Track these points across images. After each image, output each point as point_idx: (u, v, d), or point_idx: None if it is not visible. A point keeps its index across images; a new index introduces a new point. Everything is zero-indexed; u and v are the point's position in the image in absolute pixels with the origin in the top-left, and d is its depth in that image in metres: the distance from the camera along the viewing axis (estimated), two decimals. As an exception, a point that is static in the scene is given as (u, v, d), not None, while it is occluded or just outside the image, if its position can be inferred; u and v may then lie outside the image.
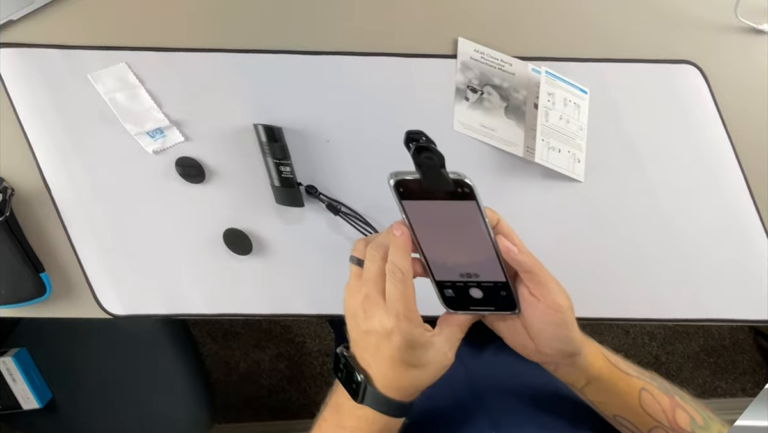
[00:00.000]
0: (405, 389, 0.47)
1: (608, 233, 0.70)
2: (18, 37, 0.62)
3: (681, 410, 0.53)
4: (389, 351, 0.45)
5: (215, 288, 0.71)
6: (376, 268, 0.46)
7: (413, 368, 0.46)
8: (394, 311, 0.44)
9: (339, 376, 0.50)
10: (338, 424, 0.49)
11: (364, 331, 0.46)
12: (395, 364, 0.46)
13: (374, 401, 0.47)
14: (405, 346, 0.45)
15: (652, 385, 0.54)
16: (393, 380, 0.47)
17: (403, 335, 0.44)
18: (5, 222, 0.64)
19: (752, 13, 0.64)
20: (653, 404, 0.53)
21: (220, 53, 0.64)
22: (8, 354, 0.99)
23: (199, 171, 0.66)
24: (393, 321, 0.44)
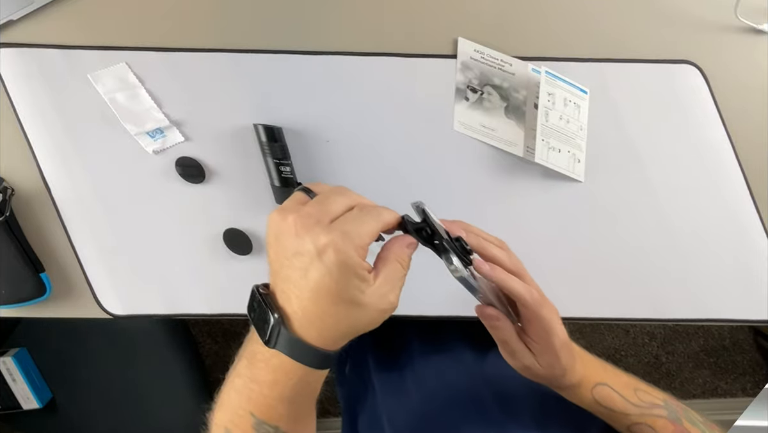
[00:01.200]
0: (328, 330, 0.39)
1: (608, 233, 0.70)
2: (18, 37, 0.62)
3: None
4: (317, 275, 0.37)
5: (215, 288, 0.71)
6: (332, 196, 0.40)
7: (342, 305, 0.38)
8: (341, 229, 0.37)
9: (251, 316, 0.42)
10: (252, 378, 0.42)
11: (290, 253, 0.38)
12: (321, 294, 0.38)
13: (288, 344, 0.39)
14: (338, 267, 0.37)
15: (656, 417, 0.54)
16: (315, 316, 0.39)
17: (338, 252, 0.36)
18: (5, 222, 0.64)
19: (752, 13, 0.64)
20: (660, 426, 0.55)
21: (220, 53, 0.64)
22: (8, 354, 0.99)
23: (199, 171, 0.66)
24: (330, 236, 0.37)
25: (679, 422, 0.55)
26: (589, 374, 0.54)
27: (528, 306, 0.48)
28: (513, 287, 0.47)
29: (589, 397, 0.54)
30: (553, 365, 0.51)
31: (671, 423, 0.55)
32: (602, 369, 0.56)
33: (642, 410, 0.55)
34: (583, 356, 0.55)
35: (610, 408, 0.55)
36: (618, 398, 0.54)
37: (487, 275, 0.46)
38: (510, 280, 0.47)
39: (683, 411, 0.56)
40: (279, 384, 0.41)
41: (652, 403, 0.55)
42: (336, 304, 0.38)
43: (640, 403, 0.55)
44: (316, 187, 0.43)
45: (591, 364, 0.56)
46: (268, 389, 0.41)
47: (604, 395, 0.54)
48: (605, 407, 0.55)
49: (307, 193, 0.42)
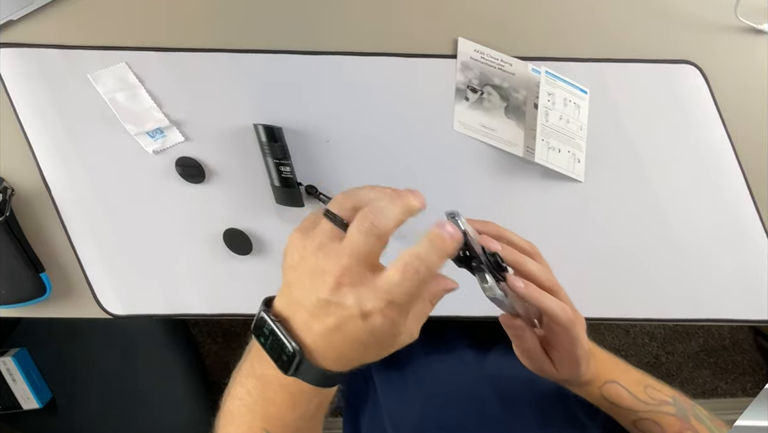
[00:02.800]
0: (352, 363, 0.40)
1: (608, 232, 0.70)
2: (18, 37, 0.62)
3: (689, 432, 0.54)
4: (356, 331, 0.37)
5: (215, 288, 0.71)
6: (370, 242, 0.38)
7: (372, 349, 0.39)
8: (389, 298, 0.37)
9: (262, 342, 0.40)
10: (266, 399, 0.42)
11: (324, 299, 0.37)
12: (355, 343, 0.38)
13: (309, 374, 0.39)
14: (383, 332, 0.37)
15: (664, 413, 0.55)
16: (342, 356, 0.39)
17: (388, 321, 0.37)
18: (5, 222, 0.64)
19: (752, 13, 0.64)
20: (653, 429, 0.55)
21: (220, 53, 0.64)
22: (8, 354, 0.99)
23: (199, 171, 0.66)
24: (380, 305, 0.36)
25: (686, 419, 0.55)
26: (601, 371, 0.55)
27: (561, 324, 0.47)
28: (548, 306, 0.47)
29: (597, 393, 0.55)
30: (571, 372, 0.51)
31: (678, 420, 0.55)
32: (614, 366, 0.56)
33: (650, 406, 0.55)
34: (596, 353, 0.55)
35: (617, 404, 0.55)
36: (626, 395, 0.55)
37: (521, 293, 0.45)
38: (545, 299, 0.46)
39: (691, 408, 0.56)
40: (300, 407, 0.41)
41: (661, 400, 0.55)
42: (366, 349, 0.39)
43: (649, 400, 0.55)
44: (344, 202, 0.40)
45: (604, 361, 0.56)
46: (288, 410, 0.41)
47: (612, 392, 0.55)
48: (612, 403, 0.55)
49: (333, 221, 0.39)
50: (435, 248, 0.37)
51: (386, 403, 0.70)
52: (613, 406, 0.55)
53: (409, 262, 0.37)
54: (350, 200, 0.40)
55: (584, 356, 0.50)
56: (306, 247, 0.39)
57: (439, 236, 0.38)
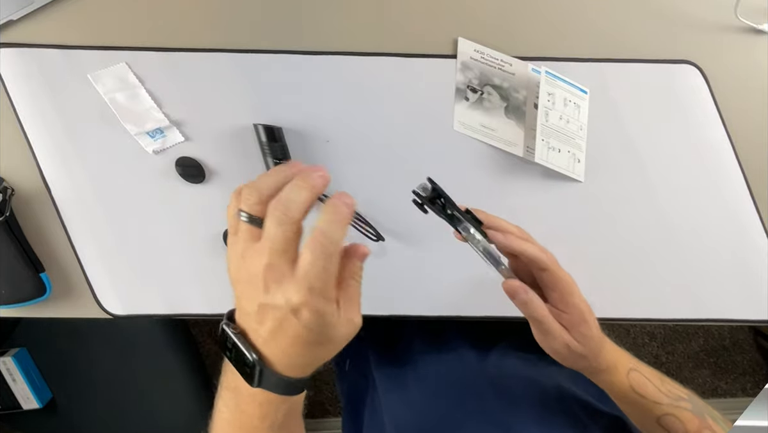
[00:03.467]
0: (308, 366, 0.41)
1: (608, 233, 0.70)
2: (18, 37, 0.62)
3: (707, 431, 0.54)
4: (294, 329, 0.38)
5: (215, 288, 0.71)
6: (284, 234, 0.38)
7: (319, 346, 0.40)
8: (308, 285, 0.37)
9: (228, 355, 0.42)
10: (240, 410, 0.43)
11: (261, 303, 0.38)
12: (299, 342, 0.39)
13: (271, 383, 0.40)
14: (315, 324, 0.38)
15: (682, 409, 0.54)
16: (295, 359, 0.40)
17: (314, 312, 0.37)
18: (5, 222, 0.64)
19: (752, 13, 0.64)
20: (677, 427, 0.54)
21: (220, 53, 0.64)
22: (8, 354, 0.99)
23: (199, 171, 0.66)
24: (304, 296, 0.37)
25: (703, 417, 0.55)
26: (622, 358, 0.54)
27: (546, 267, 0.47)
28: (527, 249, 0.47)
29: (625, 382, 0.54)
30: (586, 335, 0.49)
31: (697, 418, 0.54)
32: (630, 356, 0.56)
33: (671, 400, 0.54)
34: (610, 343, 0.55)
35: (644, 396, 0.54)
36: (650, 385, 0.54)
37: (501, 242, 0.46)
38: (524, 244, 0.47)
39: (704, 407, 0.56)
40: (269, 417, 0.42)
41: (678, 396, 0.55)
42: (313, 347, 0.40)
43: (669, 393, 0.55)
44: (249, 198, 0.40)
45: (620, 349, 0.55)
46: (259, 420, 0.42)
47: (639, 381, 0.54)
48: (640, 395, 0.54)
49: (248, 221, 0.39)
50: (335, 219, 0.38)
51: (386, 401, 0.70)
52: (641, 398, 0.54)
53: (315, 238, 0.37)
54: (254, 195, 0.39)
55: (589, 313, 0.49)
56: (235, 255, 0.39)
57: (336, 206, 0.38)
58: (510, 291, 0.47)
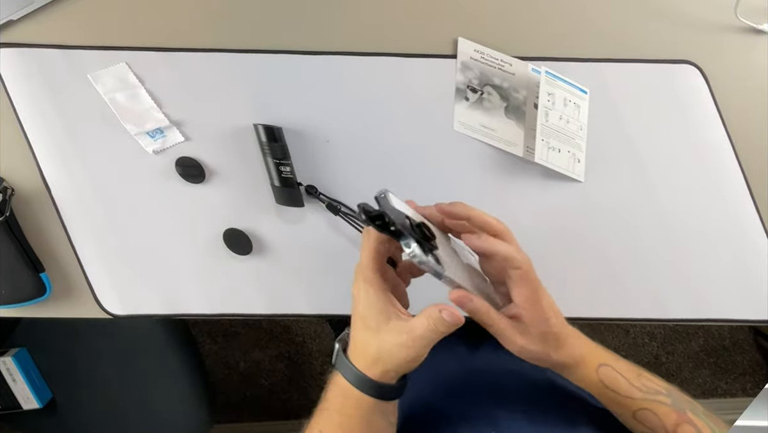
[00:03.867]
0: (365, 355, 0.48)
1: (608, 233, 0.70)
2: (18, 37, 0.62)
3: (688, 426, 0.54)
4: (354, 309, 0.48)
5: (215, 288, 0.71)
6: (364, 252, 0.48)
7: (372, 332, 0.47)
8: (360, 275, 0.48)
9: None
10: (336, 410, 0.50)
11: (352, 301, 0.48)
12: (357, 323, 0.48)
13: (342, 365, 0.49)
14: (363, 303, 0.47)
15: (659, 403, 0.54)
16: (359, 344, 0.48)
17: (361, 292, 0.47)
18: (5, 222, 0.64)
19: (752, 13, 0.64)
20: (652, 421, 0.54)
21: (220, 53, 0.64)
22: (8, 354, 0.99)
23: (199, 171, 0.66)
24: (357, 282, 0.48)
25: (683, 411, 0.54)
26: (592, 354, 0.54)
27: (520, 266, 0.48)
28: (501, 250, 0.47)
29: (594, 377, 0.54)
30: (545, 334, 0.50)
31: (675, 412, 0.54)
32: (604, 352, 0.56)
33: (646, 395, 0.54)
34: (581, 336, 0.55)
35: (616, 391, 0.54)
36: (623, 380, 0.54)
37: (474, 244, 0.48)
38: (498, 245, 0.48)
39: (688, 403, 0.55)
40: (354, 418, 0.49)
41: (655, 390, 0.55)
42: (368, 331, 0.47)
43: (644, 388, 0.54)
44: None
45: (592, 345, 0.55)
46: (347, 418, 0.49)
47: (609, 376, 0.54)
48: (611, 390, 0.54)
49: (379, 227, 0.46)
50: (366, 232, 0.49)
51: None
52: (613, 394, 0.54)
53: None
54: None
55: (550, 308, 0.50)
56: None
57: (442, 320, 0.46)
58: (457, 301, 0.48)
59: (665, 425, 0.54)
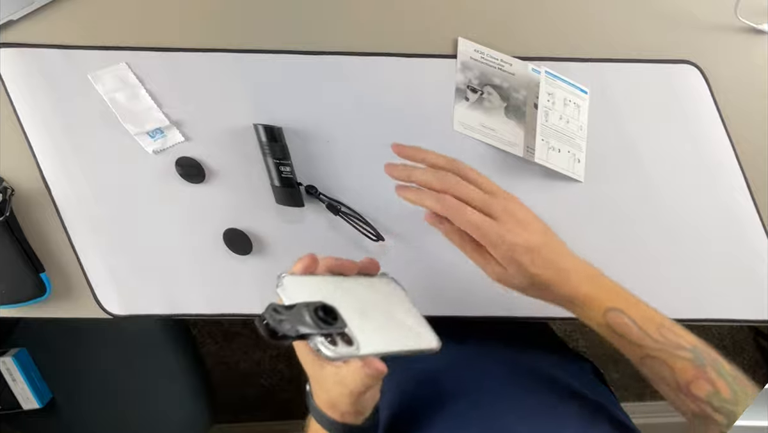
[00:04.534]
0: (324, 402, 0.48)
1: (608, 233, 0.70)
2: (18, 37, 0.62)
3: (704, 382, 0.53)
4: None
5: (215, 288, 0.71)
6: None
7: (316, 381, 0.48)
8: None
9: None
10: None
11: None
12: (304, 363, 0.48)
13: (312, 410, 0.50)
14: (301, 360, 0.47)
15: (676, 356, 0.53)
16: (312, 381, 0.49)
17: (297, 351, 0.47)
18: (5, 222, 0.64)
19: (752, 13, 0.64)
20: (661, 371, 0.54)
21: (220, 53, 0.64)
22: (8, 354, 0.99)
23: (199, 171, 0.66)
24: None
25: (703, 368, 0.53)
26: (603, 297, 0.54)
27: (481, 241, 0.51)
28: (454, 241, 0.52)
29: (601, 321, 0.54)
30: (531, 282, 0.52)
31: (694, 367, 0.53)
32: (621, 296, 0.55)
33: (661, 346, 0.53)
34: (601, 279, 0.55)
35: (624, 336, 0.54)
36: (634, 328, 0.53)
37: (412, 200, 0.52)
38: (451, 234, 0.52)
39: (713, 361, 0.54)
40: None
41: (677, 344, 0.54)
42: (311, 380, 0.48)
43: (661, 339, 0.54)
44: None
45: (608, 288, 0.55)
46: None
47: (618, 321, 0.53)
48: (619, 334, 0.54)
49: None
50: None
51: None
52: (620, 338, 0.54)
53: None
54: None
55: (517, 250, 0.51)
56: None
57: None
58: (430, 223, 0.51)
59: (677, 379, 0.53)
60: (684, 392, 0.53)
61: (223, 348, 1.61)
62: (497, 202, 0.52)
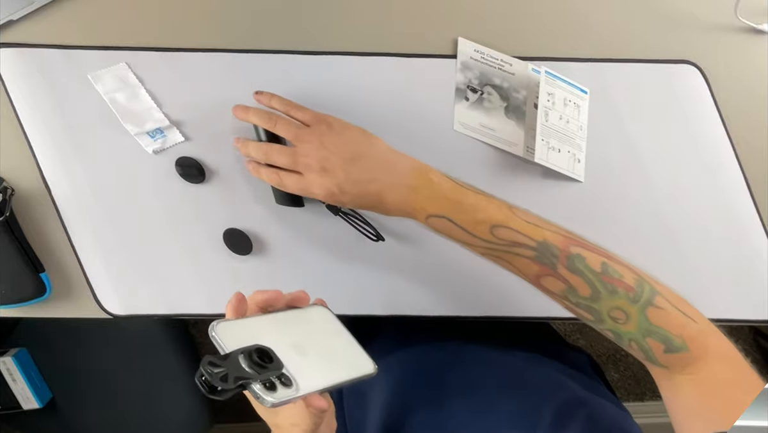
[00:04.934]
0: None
1: (608, 233, 0.70)
2: (18, 37, 0.62)
3: (553, 278, 0.53)
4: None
5: (215, 288, 0.71)
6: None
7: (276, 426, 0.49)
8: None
9: None
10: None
11: None
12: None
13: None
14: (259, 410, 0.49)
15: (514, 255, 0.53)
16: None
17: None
18: (5, 222, 0.64)
19: (752, 13, 0.64)
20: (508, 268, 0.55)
21: (220, 53, 0.64)
22: (8, 354, 0.99)
23: (199, 171, 0.66)
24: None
25: (551, 266, 0.52)
26: (427, 206, 0.55)
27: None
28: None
29: (424, 223, 0.56)
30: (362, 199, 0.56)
31: (536, 264, 0.53)
32: (448, 201, 0.55)
33: (493, 245, 0.54)
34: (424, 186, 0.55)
35: (452, 237, 0.55)
36: (459, 231, 0.54)
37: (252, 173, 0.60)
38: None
39: (568, 258, 0.52)
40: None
41: (513, 241, 0.53)
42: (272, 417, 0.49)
43: (494, 240, 0.54)
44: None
45: (430, 195, 0.55)
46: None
47: (439, 225, 0.55)
48: (446, 236, 0.56)
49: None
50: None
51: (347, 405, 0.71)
52: (447, 237, 0.56)
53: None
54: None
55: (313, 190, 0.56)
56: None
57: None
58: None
59: (525, 274, 0.54)
60: (537, 286, 0.54)
61: (223, 348, 1.61)
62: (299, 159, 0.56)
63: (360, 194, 0.55)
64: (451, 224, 0.54)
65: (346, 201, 0.56)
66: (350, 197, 0.56)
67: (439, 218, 0.55)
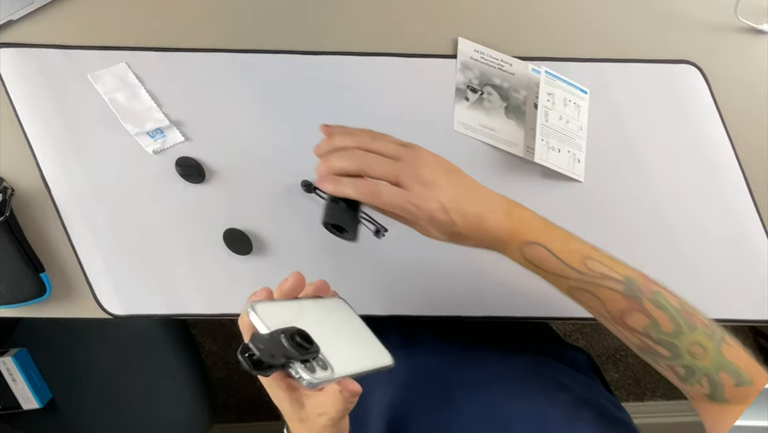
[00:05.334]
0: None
1: (608, 233, 0.70)
2: (18, 37, 0.62)
3: (639, 313, 0.52)
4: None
5: (215, 288, 0.71)
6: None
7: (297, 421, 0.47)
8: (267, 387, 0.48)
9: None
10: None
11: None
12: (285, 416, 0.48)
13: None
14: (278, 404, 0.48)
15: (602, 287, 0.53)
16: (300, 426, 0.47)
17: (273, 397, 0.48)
18: (5, 222, 0.64)
19: (752, 13, 0.64)
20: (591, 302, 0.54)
21: (220, 53, 0.64)
22: (8, 354, 0.99)
23: (199, 171, 0.66)
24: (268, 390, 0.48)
25: (637, 300, 0.52)
26: (520, 230, 0.53)
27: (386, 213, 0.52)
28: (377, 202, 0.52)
29: (519, 255, 0.54)
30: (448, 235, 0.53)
31: (624, 299, 0.52)
32: (542, 230, 0.54)
33: (585, 277, 0.53)
34: (516, 212, 0.54)
35: (544, 269, 0.53)
36: (552, 259, 0.53)
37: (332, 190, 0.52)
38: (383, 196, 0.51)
39: (652, 293, 0.53)
40: None
41: (604, 275, 0.53)
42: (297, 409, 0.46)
43: (586, 271, 0.53)
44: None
45: (526, 221, 0.54)
46: None
47: (536, 255, 0.53)
48: (538, 267, 0.54)
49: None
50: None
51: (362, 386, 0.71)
52: (542, 271, 0.54)
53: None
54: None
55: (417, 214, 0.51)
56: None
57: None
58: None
59: (609, 310, 0.53)
60: (619, 324, 0.53)
61: (223, 348, 1.61)
62: (403, 169, 0.52)
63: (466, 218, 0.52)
64: (546, 253, 0.53)
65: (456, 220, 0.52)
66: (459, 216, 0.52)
67: (535, 246, 0.53)
